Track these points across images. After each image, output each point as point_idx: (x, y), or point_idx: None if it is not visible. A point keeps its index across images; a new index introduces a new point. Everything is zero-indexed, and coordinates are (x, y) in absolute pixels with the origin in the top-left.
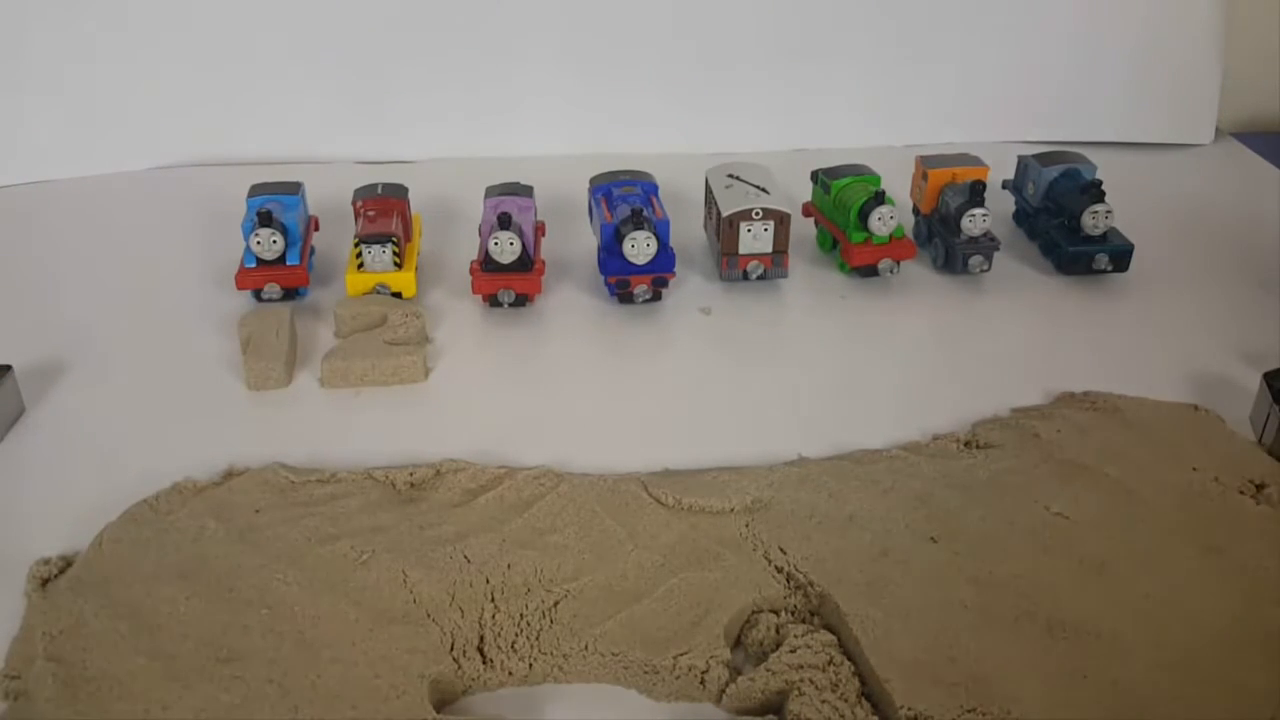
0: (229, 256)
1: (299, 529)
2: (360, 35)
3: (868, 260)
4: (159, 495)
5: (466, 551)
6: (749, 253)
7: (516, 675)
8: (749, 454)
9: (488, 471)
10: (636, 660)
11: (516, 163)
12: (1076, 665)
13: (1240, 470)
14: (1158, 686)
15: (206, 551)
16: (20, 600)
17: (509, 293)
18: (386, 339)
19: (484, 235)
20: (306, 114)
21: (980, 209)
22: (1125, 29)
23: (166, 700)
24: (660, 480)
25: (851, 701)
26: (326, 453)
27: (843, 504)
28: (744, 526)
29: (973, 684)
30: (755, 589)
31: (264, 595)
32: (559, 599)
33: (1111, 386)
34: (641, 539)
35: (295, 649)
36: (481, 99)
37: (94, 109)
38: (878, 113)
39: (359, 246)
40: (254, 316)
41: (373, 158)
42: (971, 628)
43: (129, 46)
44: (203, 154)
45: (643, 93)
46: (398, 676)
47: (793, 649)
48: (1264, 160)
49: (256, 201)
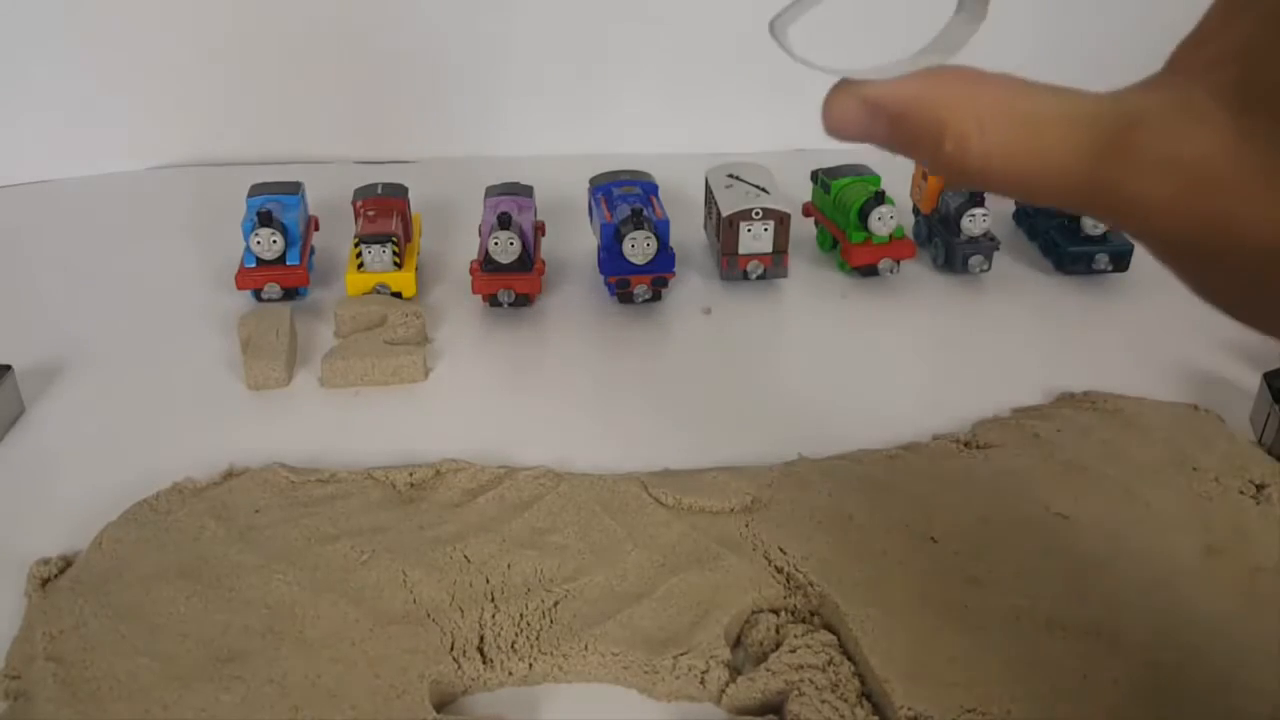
0: (229, 256)
1: (299, 529)
2: (360, 35)
3: (868, 260)
4: (159, 495)
5: (466, 551)
6: (749, 253)
7: (516, 675)
8: (749, 454)
9: (487, 471)
10: (636, 660)
11: (516, 163)
12: (1076, 665)
13: (1240, 470)
14: (1158, 686)
15: (206, 551)
16: (20, 600)
17: (509, 292)
18: (386, 339)
19: (484, 235)
20: (306, 114)
21: (980, 209)
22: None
23: (166, 700)
24: (660, 480)
25: (851, 702)
26: (326, 452)
27: (842, 504)
28: (744, 526)
29: (973, 684)
30: (755, 589)
31: (264, 595)
32: (559, 599)
33: (1111, 386)
34: (641, 539)
35: (295, 649)
36: (481, 99)
37: (94, 109)
38: None
39: (359, 246)
40: (254, 316)
41: (373, 158)
42: (972, 628)
43: (129, 46)
44: (203, 154)
45: (643, 92)
46: (398, 676)
47: (793, 649)
48: None
49: (256, 201)
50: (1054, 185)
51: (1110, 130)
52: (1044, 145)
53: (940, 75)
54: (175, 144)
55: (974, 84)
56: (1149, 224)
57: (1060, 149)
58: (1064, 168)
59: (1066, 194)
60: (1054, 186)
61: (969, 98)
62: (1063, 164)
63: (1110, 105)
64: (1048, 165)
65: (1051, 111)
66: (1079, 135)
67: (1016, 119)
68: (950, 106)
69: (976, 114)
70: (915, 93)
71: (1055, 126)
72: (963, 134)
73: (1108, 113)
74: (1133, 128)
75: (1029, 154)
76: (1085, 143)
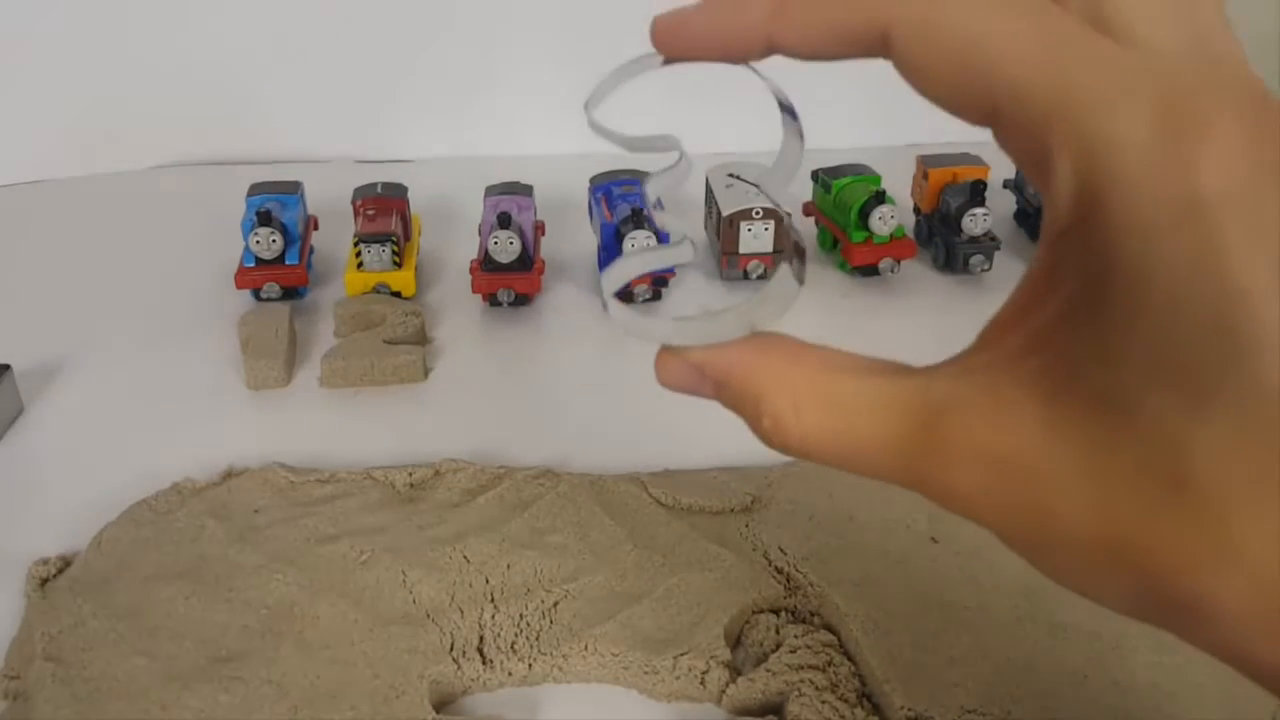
0: (228, 256)
1: (298, 529)
2: (360, 34)
3: (868, 259)
4: (158, 495)
5: (466, 552)
6: (749, 252)
7: (516, 676)
8: (749, 454)
9: (487, 471)
10: (636, 660)
11: (516, 162)
12: (1076, 665)
13: None
14: (1158, 686)
15: (206, 551)
16: (19, 600)
17: (509, 292)
18: (386, 338)
19: (483, 234)
20: (306, 113)
21: (981, 208)
22: None
23: (165, 700)
24: (660, 480)
25: (852, 702)
26: (326, 452)
27: (842, 504)
28: (744, 526)
29: (973, 684)
30: (755, 589)
31: (263, 595)
32: (558, 599)
33: None
34: (641, 539)
35: (294, 649)
36: (481, 98)
37: (94, 109)
38: (878, 112)
39: (358, 245)
40: (253, 316)
41: (372, 157)
42: (972, 628)
43: (128, 45)
44: (202, 153)
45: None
46: (397, 677)
47: (793, 649)
48: None
49: (256, 201)
50: (875, 470)
51: (919, 420)
52: (858, 433)
53: (759, 345)
54: (175, 144)
55: (790, 360)
56: (970, 514)
57: (874, 437)
58: (880, 455)
59: (888, 477)
60: (875, 471)
61: (783, 376)
62: (879, 452)
63: (919, 392)
64: (864, 451)
65: (863, 398)
66: (890, 424)
67: (830, 403)
68: (765, 384)
69: (792, 394)
70: (733, 362)
71: (867, 414)
72: (778, 414)
73: (916, 401)
74: (941, 417)
75: (845, 439)
76: (896, 432)
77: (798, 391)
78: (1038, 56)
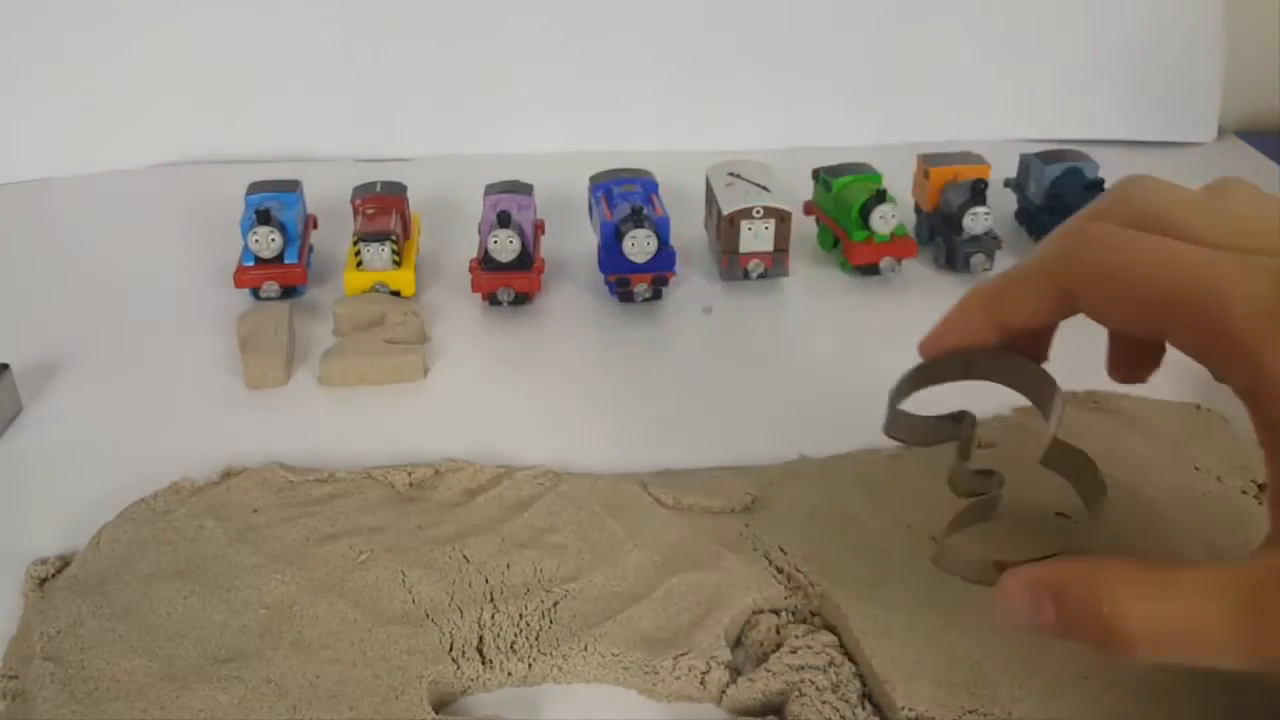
0: (227, 255)
1: (297, 529)
2: (360, 33)
3: (869, 259)
4: (157, 494)
5: (466, 551)
6: (749, 251)
7: (515, 676)
8: (749, 454)
9: (487, 471)
10: (636, 660)
11: (516, 161)
12: (1077, 665)
13: (1243, 470)
14: (1158, 686)
15: (205, 551)
16: (18, 600)
17: (508, 291)
18: (385, 337)
19: (483, 233)
20: (306, 112)
21: (982, 207)
22: (1127, 25)
23: (164, 700)
24: (660, 480)
25: (852, 702)
26: (325, 452)
27: (843, 504)
28: (744, 526)
29: (974, 684)
30: (755, 589)
31: (262, 595)
32: (558, 599)
33: (1113, 386)
34: (641, 539)
35: (294, 649)
36: (481, 97)
37: (93, 108)
38: (879, 111)
39: (357, 244)
40: (252, 315)
41: (372, 156)
42: (972, 628)
43: (128, 45)
44: (202, 152)
45: (643, 91)
46: (396, 677)
47: (793, 649)
48: (1267, 159)
49: (255, 199)
50: (1220, 651)
51: (1266, 592)
52: (1201, 619)
53: (1091, 559)
54: (174, 142)
55: (1120, 563)
56: None
57: (1217, 612)
58: (1222, 634)
59: (1233, 659)
60: (1220, 652)
61: (1118, 572)
62: (1221, 632)
63: (1258, 565)
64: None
65: (1200, 584)
66: (1230, 601)
67: (1165, 590)
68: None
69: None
70: (1070, 573)
71: (1203, 596)
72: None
73: (1259, 572)
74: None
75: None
76: (1238, 608)
77: (1135, 583)
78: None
